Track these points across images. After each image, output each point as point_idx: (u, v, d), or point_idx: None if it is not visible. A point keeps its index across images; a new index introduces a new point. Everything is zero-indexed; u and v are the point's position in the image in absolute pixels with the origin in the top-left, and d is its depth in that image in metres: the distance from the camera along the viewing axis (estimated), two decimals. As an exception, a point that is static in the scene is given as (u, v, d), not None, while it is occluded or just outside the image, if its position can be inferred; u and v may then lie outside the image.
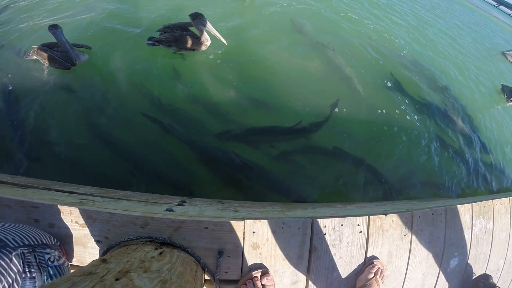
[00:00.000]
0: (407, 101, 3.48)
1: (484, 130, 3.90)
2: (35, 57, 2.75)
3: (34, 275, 0.89)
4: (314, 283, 1.25)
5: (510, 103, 4.94)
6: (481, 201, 1.68)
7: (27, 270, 0.89)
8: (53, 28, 2.52)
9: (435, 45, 5.61)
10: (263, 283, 1.12)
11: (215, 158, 2.37)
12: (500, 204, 1.73)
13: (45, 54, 2.67)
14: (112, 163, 2.27)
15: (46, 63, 2.72)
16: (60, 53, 2.68)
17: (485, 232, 1.67)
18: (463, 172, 3.05)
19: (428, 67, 4.56)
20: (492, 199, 1.73)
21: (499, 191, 3.13)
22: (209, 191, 2.21)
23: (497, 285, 1.60)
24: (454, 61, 5.38)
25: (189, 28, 3.01)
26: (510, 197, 1.78)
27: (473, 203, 1.62)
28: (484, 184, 3.09)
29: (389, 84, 3.58)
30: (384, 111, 3.15)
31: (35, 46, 2.73)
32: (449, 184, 2.86)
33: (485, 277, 1.63)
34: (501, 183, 3.26)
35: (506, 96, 5.02)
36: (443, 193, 2.76)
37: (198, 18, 2.79)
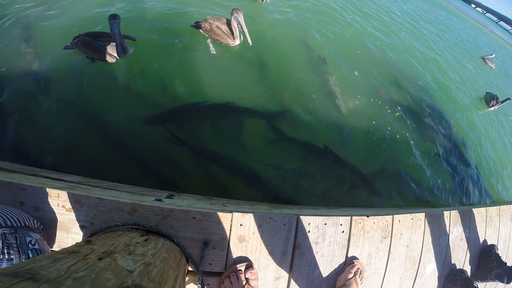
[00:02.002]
0: (391, 108, 3.59)
1: (465, 137, 4.07)
2: (74, 48, 2.63)
3: (12, 256, 0.86)
4: (295, 280, 1.25)
5: (490, 109, 5.19)
6: (459, 209, 1.73)
7: (5, 251, 0.85)
8: (111, 18, 2.42)
9: (426, 54, 5.89)
10: (246, 276, 1.12)
11: (222, 165, 2.33)
12: (477, 213, 1.79)
13: (88, 44, 2.57)
14: (114, 160, 2.22)
15: (88, 54, 2.61)
16: (105, 44, 2.57)
17: (461, 240, 1.72)
18: (439, 180, 3.14)
19: (416, 75, 4.76)
20: (469, 208, 1.79)
21: (473, 202, 3.23)
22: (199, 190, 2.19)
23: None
24: (441, 69, 5.66)
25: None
26: (487, 207, 1.84)
27: (451, 211, 1.67)
28: (460, 194, 3.18)
29: (377, 92, 3.69)
30: (370, 121, 3.23)
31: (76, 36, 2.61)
32: (426, 191, 2.94)
33: (462, 272, 1.68)
34: (478, 194, 3.36)
35: (486, 103, 5.30)
36: (419, 199, 2.83)
37: (236, 13, 2.98)
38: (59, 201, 1.03)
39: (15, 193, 1.05)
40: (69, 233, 1.07)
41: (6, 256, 0.85)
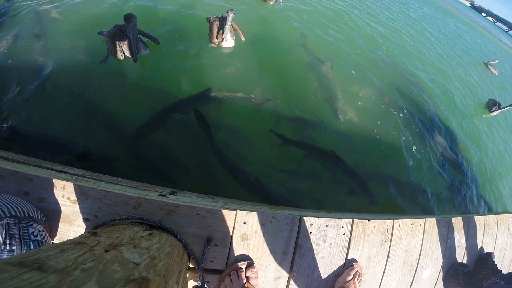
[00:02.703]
0: (393, 113, 3.58)
1: (466, 143, 4.04)
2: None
3: (13, 248, 0.84)
4: (295, 281, 1.24)
5: (492, 114, 5.18)
6: (459, 216, 1.73)
7: (7, 242, 0.84)
8: (126, 21, 2.38)
9: (429, 60, 5.90)
10: (247, 275, 1.11)
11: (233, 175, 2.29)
12: (476, 221, 1.78)
13: (113, 36, 2.56)
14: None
15: (107, 45, 2.62)
16: (125, 39, 2.56)
17: (459, 246, 1.71)
18: (440, 187, 3.13)
19: (419, 81, 4.76)
20: (469, 216, 1.79)
21: (473, 210, 3.21)
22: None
23: None
24: (444, 75, 5.66)
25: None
26: (486, 216, 1.84)
27: (451, 218, 1.66)
28: (459, 202, 3.17)
29: (377, 100, 3.69)
30: (371, 125, 3.23)
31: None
32: (427, 198, 2.92)
33: (463, 265, 1.68)
34: (477, 202, 3.34)
35: (488, 108, 5.33)
36: (418, 205, 2.82)
37: (226, 12, 2.95)
38: (64, 192, 1.02)
39: (21, 182, 1.04)
40: (71, 226, 1.06)
41: (8, 247, 0.83)
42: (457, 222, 1.71)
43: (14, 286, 0.42)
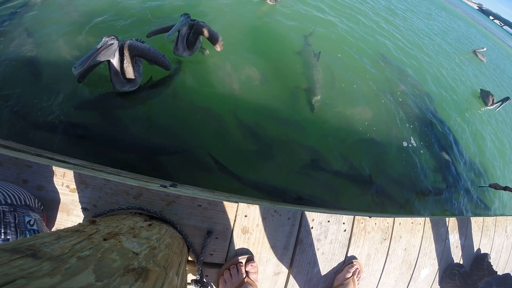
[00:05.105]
0: (390, 110, 3.52)
1: (465, 140, 3.95)
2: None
3: (8, 237, 0.79)
4: (294, 277, 1.21)
5: (488, 107, 5.02)
6: (458, 217, 1.70)
7: (2, 230, 0.79)
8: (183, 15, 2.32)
9: (426, 58, 5.85)
10: (247, 269, 1.07)
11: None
12: (474, 222, 1.76)
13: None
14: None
15: None
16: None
17: (456, 247, 1.68)
18: (442, 189, 3.07)
19: (411, 73, 4.70)
20: (468, 217, 1.76)
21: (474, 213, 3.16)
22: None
23: None
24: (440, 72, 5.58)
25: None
26: (484, 217, 1.82)
27: (450, 218, 1.64)
28: (457, 204, 3.12)
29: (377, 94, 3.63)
30: (367, 123, 3.18)
31: None
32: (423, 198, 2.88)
33: (459, 266, 1.65)
34: (475, 203, 3.29)
35: (483, 101, 5.14)
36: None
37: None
38: (64, 180, 0.98)
39: (20, 170, 0.99)
40: (69, 215, 1.02)
41: (2, 236, 0.79)
42: (456, 223, 1.68)
43: (3, 273, 0.38)
